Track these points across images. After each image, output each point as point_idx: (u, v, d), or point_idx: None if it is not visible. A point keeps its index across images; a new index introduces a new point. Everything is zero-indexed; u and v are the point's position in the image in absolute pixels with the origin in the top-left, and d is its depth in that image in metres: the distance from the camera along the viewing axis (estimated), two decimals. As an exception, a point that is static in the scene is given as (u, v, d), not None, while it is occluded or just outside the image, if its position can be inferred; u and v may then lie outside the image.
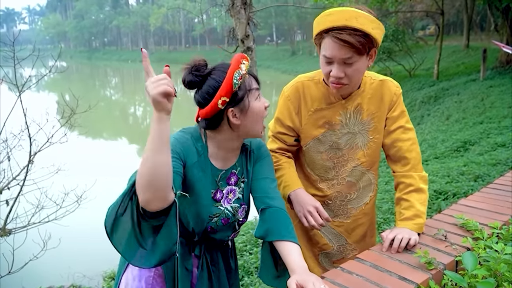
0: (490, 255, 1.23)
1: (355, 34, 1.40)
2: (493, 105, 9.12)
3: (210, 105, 1.31)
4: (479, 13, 25.61)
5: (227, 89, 1.29)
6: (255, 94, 1.36)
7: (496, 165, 4.83)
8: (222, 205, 1.41)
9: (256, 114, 1.36)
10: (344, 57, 1.44)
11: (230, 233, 1.48)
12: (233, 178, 1.45)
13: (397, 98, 1.65)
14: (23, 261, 3.62)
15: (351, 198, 1.74)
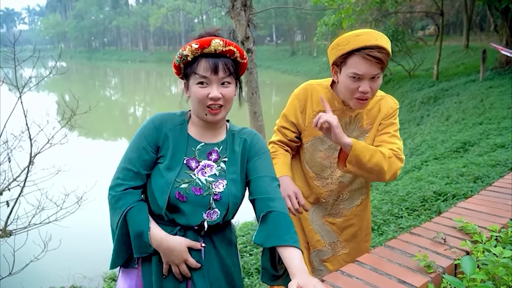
0: (489, 259, 1.24)
1: (383, 52, 1.57)
2: (492, 106, 9.14)
3: None
4: (479, 13, 25.62)
5: (174, 63, 1.44)
6: (198, 79, 1.37)
7: (496, 166, 4.84)
8: (195, 174, 1.41)
9: (194, 96, 1.40)
10: (374, 73, 1.59)
11: (204, 209, 1.39)
12: (214, 155, 1.46)
13: (393, 111, 1.77)
14: (24, 262, 3.63)
15: (343, 198, 1.84)
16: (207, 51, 1.36)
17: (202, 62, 1.37)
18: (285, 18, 48.71)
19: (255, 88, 3.72)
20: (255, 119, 3.75)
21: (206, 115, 1.41)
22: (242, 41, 3.66)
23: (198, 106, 1.40)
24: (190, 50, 1.36)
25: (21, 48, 3.80)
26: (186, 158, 1.42)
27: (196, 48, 1.35)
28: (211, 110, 1.39)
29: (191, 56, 1.37)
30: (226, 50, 1.38)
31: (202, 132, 1.47)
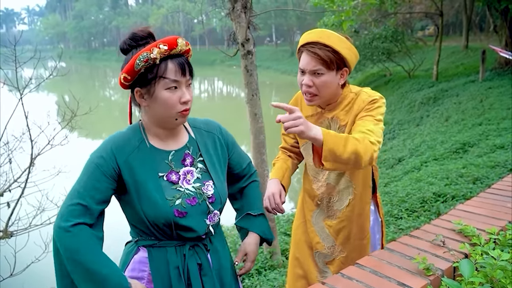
0: (487, 262, 1.25)
1: (325, 49, 1.62)
2: (492, 106, 9.15)
3: (119, 79, 1.31)
4: (478, 13, 25.64)
5: (128, 67, 1.26)
6: (167, 84, 1.27)
7: (495, 167, 4.86)
8: (181, 186, 1.34)
9: (163, 103, 1.28)
10: (313, 68, 1.64)
11: (205, 216, 1.38)
12: (188, 159, 1.39)
13: (365, 104, 1.66)
14: (25, 263, 3.64)
15: (334, 200, 1.87)
16: (174, 52, 1.29)
17: (170, 65, 1.28)
18: (285, 19, 48.75)
19: (255, 90, 3.72)
20: (255, 120, 3.76)
21: (176, 119, 1.32)
22: (242, 43, 3.67)
23: (167, 113, 1.30)
24: (159, 52, 1.25)
25: (22, 48, 3.81)
26: (162, 174, 1.33)
27: (166, 49, 1.26)
28: (182, 112, 1.31)
29: (159, 58, 1.26)
30: (187, 49, 1.34)
31: (165, 140, 1.38)
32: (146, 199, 1.29)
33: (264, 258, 3.88)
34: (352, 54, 1.67)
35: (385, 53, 16.25)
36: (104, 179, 1.29)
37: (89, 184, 1.28)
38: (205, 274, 1.38)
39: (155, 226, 1.32)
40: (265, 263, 3.83)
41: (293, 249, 2.06)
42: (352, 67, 1.70)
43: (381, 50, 16.06)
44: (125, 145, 1.33)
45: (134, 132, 1.37)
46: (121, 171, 1.30)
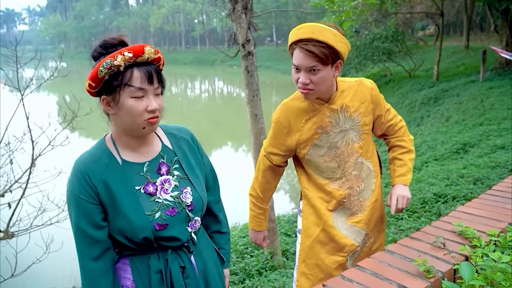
0: (487, 264, 1.26)
1: (320, 45, 1.60)
2: (492, 106, 9.15)
3: (85, 86, 1.28)
4: (479, 13, 25.62)
5: (93, 74, 1.23)
6: (133, 92, 1.24)
7: (496, 168, 4.86)
8: (159, 197, 1.32)
9: (128, 111, 1.25)
10: (310, 65, 1.62)
11: (186, 224, 1.37)
12: (164, 168, 1.36)
13: (376, 92, 1.83)
14: (26, 264, 3.64)
15: (361, 190, 1.85)
16: (140, 59, 1.24)
17: (136, 72, 1.23)
18: (285, 19, 48.80)
19: (256, 91, 3.72)
20: (256, 121, 3.76)
21: (144, 128, 1.28)
22: (243, 43, 3.67)
23: (133, 122, 1.26)
24: (123, 59, 1.21)
25: (23, 49, 3.82)
26: (138, 187, 1.31)
27: (130, 56, 1.22)
28: (150, 120, 1.27)
29: (123, 66, 1.22)
30: (156, 57, 1.28)
31: (137, 151, 1.34)
32: (123, 216, 1.28)
33: (265, 259, 3.88)
34: (344, 46, 1.66)
35: (386, 53, 16.25)
36: (92, 207, 1.29)
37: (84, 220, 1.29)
38: (187, 276, 1.38)
39: (135, 242, 1.31)
40: (266, 263, 3.84)
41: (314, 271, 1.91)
42: (345, 58, 1.70)
43: (381, 50, 16.06)
44: (95, 165, 1.29)
45: (101, 149, 1.33)
46: (98, 192, 1.28)
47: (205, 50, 63.16)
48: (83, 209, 1.27)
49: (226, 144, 16.30)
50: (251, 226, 2.06)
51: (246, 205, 1.86)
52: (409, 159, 1.87)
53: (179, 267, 1.37)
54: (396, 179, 1.84)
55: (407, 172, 1.84)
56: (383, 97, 1.86)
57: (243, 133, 12.74)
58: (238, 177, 10.31)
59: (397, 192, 1.78)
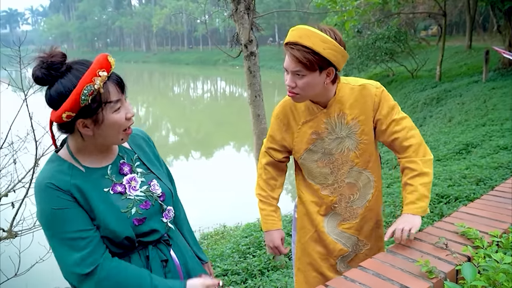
0: (489, 265, 1.26)
1: (304, 51, 1.55)
2: (495, 107, 9.13)
3: (56, 114, 1.19)
4: (482, 13, 25.59)
5: (72, 104, 1.16)
6: (113, 107, 1.23)
7: (498, 169, 4.85)
8: (129, 194, 1.33)
9: (112, 126, 1.24)
10: (294, 69, 1.60)
11: (160, 215, 1.39)
12: (126, 168, 1.37)
13: (379, 99, 1.72)
14: (29, 263, 3.66)
15: (355, 198, 1.82)
16: (110, 73, 1.22)
17: (110, 87, 1.21)
18: (288, 19, 48.81)
19: (259, 91, 3.73)
20: (258, 121, 3.77)
21: (122, 139, 1.30)
22: (245, 44, 3.68)
23: (114, 134, 1.26)
24: (101, 81, 1.18)
25: (26, 49, 3.83)
26: (107, 189, 1.30)
27: (105, 75, 1.19)
28: (127, 131, 1.29)
29: (102, 87, 1.19)
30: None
31: (99, 156, 1.33)
32: (102, 219, 1.25)
33: (267, 259, 3.89)
34: (337, 54, 1.57)
35: (388, 53, 16.23)
36: (76, 211, 1.23)
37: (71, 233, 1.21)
38: (169, 271, 1.39)
39: (117, 244, 1.30)
40: (268, 263, 3.85)
41: (307, 268, 1.95)
42: (339, 65, 1.61)
43: (384, 50, 16.04)
44: (59, 175, 1.24)
45: (58, 163, 1.28)
46: (74, 196, 1.23)
47: (207, 50, 63.22)
48: (69, 219, 1.21)
49: (228, 144, 16.32)
50: (265, 228, 1.94)
51: (248, 206, 1.86)
52: (421, 183, 1.67)
53: (160, 263, 1.38)
54: (405, 207, 1.69)
55: (417, 199, 1.66)
56: (391, 105, 1.73)
57: (245, 133, 12.75)
58: (240, 178, 10.32)
59: (398, 222, 1.63)
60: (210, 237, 6.14)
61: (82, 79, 1.16)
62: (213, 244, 5.53)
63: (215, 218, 6.86)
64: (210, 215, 7.37)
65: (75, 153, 1.29)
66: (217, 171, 11.75)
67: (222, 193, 9.20)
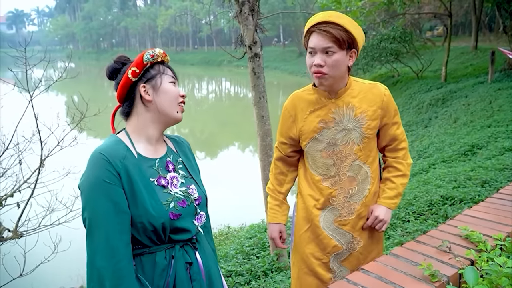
0: (492, 269, 1.25)
1: (337, 28, 1.66)
2: (501, 108, 9.07)
3: (123, 77, 1.40)
4: (488, 14, 25.41)
5: (137, 61, 1.40)
6: (170, 79, 1.44)
7: (504, 170, 4.82)
8: (170, 190, 1.41)
9: (169, 95, 1.43)
10: (325, 46, 1.66)
11: (193, 217, 1.45)
12: (170, 166, 1.46)
13: (387, 98, 1.81)
14: (34, 264, 3.68)
15: (353, 193, 1.85)
16: (166, 60, 1.47)
17: (167, 69, 1.46)
18: (292, 19, 48.69)
19: (263, 93, 3.73)
20: (262, 123, 3.77)
21: (177, 112, 1.46)
22: (249, 45, 3.68)
23: (171, 105, 1.44)
24: (159, 53, 1.43)
25: (32, 50, 3.86)
26: (153, 179, 1.39)
27: (162, 53, 1.45)
28: (181, 104, 1.46)
29: (160, 58, 1.43)
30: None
31: (150, 148, 1.45)
32: (141, 204, 1.32)
33: (271, 260, 3.89)
34: (361, 34, 1.71)
35: (393, 54, 16.17)
36: (120, 191, 1.31)
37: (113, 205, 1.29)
38: (193, 273, 1.42)
39: (148, 231, 1.33)
40: (272, 265, 3.84)
41: (300, 264, 1.98)
42: (359, 49, 1.74)
43: (389, 51, 15.98)
44: (115, 153, 1.34)
45: (116, 142, 1.39)
46: (121, 177, 1.32)
47: (212, 50, 63.25)
48: (112, 194, 1.29)
49: (233, 145, 16.32)
50: (268, 220, 2.06)
51: (252, 207, 1.89)
52: (402, 183, 1.86)
53: (184, 264, 1.40)
54: (382, 199, 1.86)
55: (395, 196, 1.85)
56: (396, 108, 1.85)
57: (250, 134, 12.75)
58: (244, 178, 10.33)
59: (378, 213, 1.82)
60: (214, 238, 6.15)
61: (143, 52, 1.41)
62: (217, 245, 5.54)
63: (219, 219, 6.86)
64: (214, 215, 7.32)
65: (132, 134, 1.43)
66: (221, 172, 11.76)
67: (227, 194, 9.21)
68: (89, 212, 1.28)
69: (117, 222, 1.27)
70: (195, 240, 1.47)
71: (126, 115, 1.46)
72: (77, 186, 1.34)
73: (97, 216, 1.28)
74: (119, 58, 1.48)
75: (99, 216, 1.27)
